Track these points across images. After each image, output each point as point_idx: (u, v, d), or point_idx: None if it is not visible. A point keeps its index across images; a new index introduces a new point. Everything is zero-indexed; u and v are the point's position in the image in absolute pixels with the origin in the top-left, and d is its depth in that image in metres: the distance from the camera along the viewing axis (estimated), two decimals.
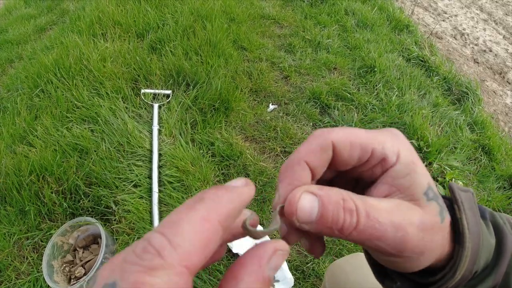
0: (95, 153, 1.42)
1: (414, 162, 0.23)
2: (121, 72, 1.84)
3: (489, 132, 1.89)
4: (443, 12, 3.37)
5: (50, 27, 2.59)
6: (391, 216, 0.21)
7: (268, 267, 0.18)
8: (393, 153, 0.22)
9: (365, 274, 0.68)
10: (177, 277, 0.14)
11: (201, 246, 0.15)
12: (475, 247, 0.25)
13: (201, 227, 0.15)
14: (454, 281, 0.24)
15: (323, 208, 0.21)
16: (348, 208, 0.21)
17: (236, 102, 1.76)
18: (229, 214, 0.17)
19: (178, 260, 0.14)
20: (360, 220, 0.20)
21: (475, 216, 0.25)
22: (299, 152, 0.23)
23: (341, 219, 0.20)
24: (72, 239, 1.17)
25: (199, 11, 2.38)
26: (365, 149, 0.22)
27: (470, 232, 0.24)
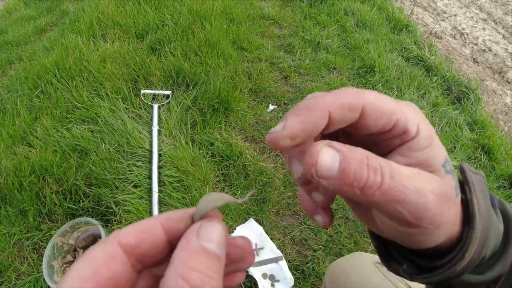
0: (95, 153, 1.42)
1: (432, 137, 0.23)
2: (120, 73, 1.84)
3: (489, 131, 1.89)
4: (443, 12, 3.38)
5: (50, 28, 2.59)
6: (414, 181, 0.20)
7: (198, 239, 0.18)
8: (414, 126, 0.22)
9: (365, 273, 0.68)
10: (108, 247, 0.19)
11: (136, 232, 0.20)
12: (485, 230, 0.24)
13: (142, 223, 0.21)
14: (462, 264, 0.24)
15: (345, 163, 0.19)
16: (372, 166, 0.20)
17: (235, 102, 1.77)
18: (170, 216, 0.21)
19: (113, 237, 0.19)
20: (384, 180, 0.19)
21: (486, 200, 0.25)
22: (325, 99, 0.21)
23: (365, 176, 0.19)
24: (72, 239, 1.17)
25: (198, 11, 2.38)
26: (391, 118, 0.22)
27: (481, 214, 0.24)
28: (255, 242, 1.25)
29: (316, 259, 1.24)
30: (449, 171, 0.23)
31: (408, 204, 0.20)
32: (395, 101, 0.22)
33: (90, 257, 0.18)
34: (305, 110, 0.21)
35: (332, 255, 1.25)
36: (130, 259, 0.20)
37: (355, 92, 0.21)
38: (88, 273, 0.17)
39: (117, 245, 0.19)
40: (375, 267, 0.67)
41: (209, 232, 0.19)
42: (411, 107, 0.23)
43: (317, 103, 0.21)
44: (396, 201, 0.20)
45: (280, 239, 1.30)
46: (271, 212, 1.38)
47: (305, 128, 0.20)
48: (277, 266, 1.19)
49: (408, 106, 0.23)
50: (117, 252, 0.19)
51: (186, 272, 0.16)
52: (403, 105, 0.22)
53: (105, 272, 0.18)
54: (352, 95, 0.21)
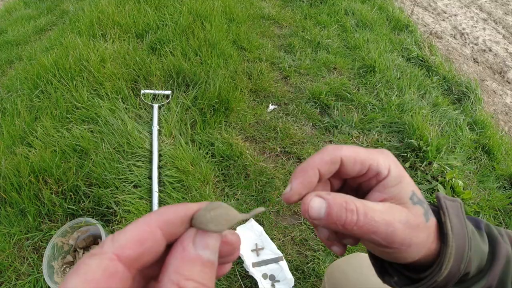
0: (95, 153, 1.42)
1: (401, 175, 0.29)
2: (120, 73, 1.84)
3: (489, 131, 1.89)
4: (443, 12, 3.37)
5: (50, 28, 2.59)
6: (384, 215, 0.26)
7: (194, 247, 0.19)
8: (385, 168, 0.28)
9: (364, 273, 0.68)
10: (106, 261, 0.17)
11: (135, 242, 0.18)
12: (461, 246, 0.29)
13: (139, 229, 0.19)
14: (441, 276, 0.28)
15: (329, 208, 0.26)
16: (349, 208, 0.26)
17: (235, 102, 1.76)
18: (169, 220, 0.20)
19: (112, 250, 0.18)
20: (359, 218, 0.26)
21: (461, 221, 0.30)
22: (314, 160, 0.28)
23: (344, 216, 0.26)
24: (72, 240, 1.17)
25: (198, 11, 2.38)
26: (364, 164, 0.28)
27: (454, 233, 0.29)
28: (255, 242, 1.25)
29: (316, 259, 1.24)
30: (416, 202, 0.28)
31: (380, 233, 0.26)
32: (368, 151, 0.29)
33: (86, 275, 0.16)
34: (299, 172, 0.28)
35: (332, 255, 1.25)
36: (131, 272, 0.18)
37: (334, 149, 0.29)
38: None
39: (116, 260, 0.17)
40: None
41: (206, 239, 0.19)
42: (383, 154, 0.30)
43: (308, 164, 0.28)
44: (370, 232, 0.26)
45: (281, 239, 1.29)
46: (271, 212, 1.37)
47: (304, 186, 0.28)
48: (278, 266, 1.19)
49: (380, 153, 0.29)
50: (118, 268, 0.17)
51: (182, 281, 0.17)
52: (374, 153, 0.29)
53: None
54: (332, 151, 0.28)
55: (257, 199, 1.40)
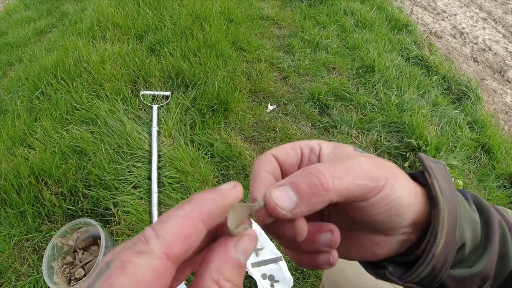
0: (95, 154, 1.42)
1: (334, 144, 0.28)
2: (120, 74, 1.85)
3: (489, 131, 1.88)
4: (442, 11, 3.37)
5: (50, 30, 2.60)
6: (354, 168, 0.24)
7: (235, 251, 0.20)
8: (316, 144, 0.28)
9: (363, 271, 0.68)
10: (157, 261, 0.17)
11: (181, 238, 0.18)
12: (452, 210, 0.25)
13: (183, 223, 0.18)
14: (438, 246, 0.25)
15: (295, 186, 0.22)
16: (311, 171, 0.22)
17: (235, 103, 1.77)
18: (211, 213, 0.19)
19: (159, 247, 0.17)
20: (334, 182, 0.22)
21: (448, 183, 0.26)
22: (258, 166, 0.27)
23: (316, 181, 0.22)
24: (72, 240, 1.17)
25: (197, 12, 2.38)
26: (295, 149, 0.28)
27: (443, 195, 0.25)
28: None
29: None
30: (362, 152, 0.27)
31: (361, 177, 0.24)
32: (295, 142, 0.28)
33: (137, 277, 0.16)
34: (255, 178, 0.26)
35: None
36: (176, 267, 0.18)
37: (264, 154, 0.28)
38: None
39: (166, 259, 0.17)
40: None
41: (246, 245, 0.20)
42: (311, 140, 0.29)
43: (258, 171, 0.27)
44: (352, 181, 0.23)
45: None
46: None
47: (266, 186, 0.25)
48: (277, 266, 1.19)
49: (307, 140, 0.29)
50: (167, 266, 0.17)
51: (221, 280, 0.18)
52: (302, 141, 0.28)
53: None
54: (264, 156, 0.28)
55: None
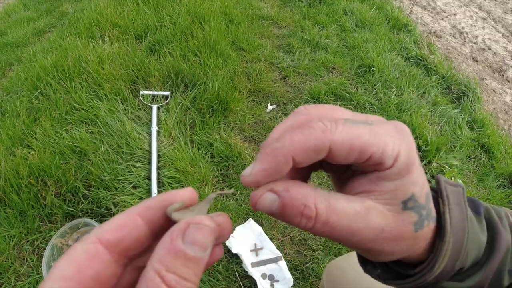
0: (94, 155, 1.42)
1: (409, 169, 0.22)
2: (119, 74, 1.85)
3: (489, 130, 1.89)
4: (442, 11, 3.37)
5: (49, 30, 2.60)
6: (352, 222, 0.21)
7: (181, 241, 0.18)
8: (391, 157, 0.21)
9: (362, 272, 0.68)
10: (90, 244, 0.19)
11: (115, 228, 0.20)
12: (458, 243, 0.24)
13: (120, 217, 0.21)
14: (432, 275, 0.24)
15: (282, 207, 0.21)
16: (306, 214, 0.21)
17: (234, 102, 1.77)
18: (148, 206, 0.21)
19: (94, 235, 0.20)
20: (316, 225, 0.21)
21: (462, 212, 0.25)
22: (292, 143, 0.20)
23: (297, 220, 0.21)
24: (72, 241, 1.17)
25: (197, 12, 2.38)
26: (364, 153, 0.21)
27: (452, 227, 0.24)
28: (254, 242, 1.25)
29: (315, 259, 1.24)
30: (410, 208, 0.22)
31: (341, 240, 0.22)
32: (374, 131, 0.21)
33: (71, 256, 0.19)
34: (269, 157, 0.21)
35: (332, 255, 1.25)
36: (113, 255, 0.20)
37: (323, 131, 0.20)
38: (70, 272, 0.18)
39: (98, 243, 0.19)
40: None
41: (195, 235, 0.18)
42: (397, 134, 0.22)
43: (282, 149, 0.21)
44: (330, 236, 0.22)
45: (279, 239, 1.29)
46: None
47: (268, 175, 0.21)
48: (277, 266, 1.19)
49: (392, 134, 0.21)
50: (99, 250, 0.19)
51: (163, 271, 0.17)
52: (383, 134, 0.21)
53: (88, 271, 0.18)
54: (319, 135, 0.20)
55: None
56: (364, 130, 0.21)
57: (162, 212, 0.21)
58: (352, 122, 0.21)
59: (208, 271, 1.18)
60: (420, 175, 0.22)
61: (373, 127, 0.21)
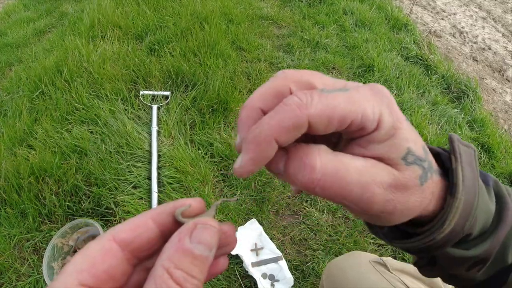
0: (95, 154, 1.43)
1: (397, 126, 0.22)
2: (120, 74, 1.85)
3: (489, 130, 1.89)
4: (442, 11, 3.37)
5: (50, 30, 2.60)
6: (360, 176, 0.21)
7: (189, 240, 0.19)
8: (373, 121, 0.21)
9: (362, 272, 0.68)
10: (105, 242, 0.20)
11: (129, 229, 0.21)
12: (470, 201, 0.24)
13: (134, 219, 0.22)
14: (441, 233, 0.24)
15: (288, 161, 0.21)
16: (308, 164, 0.20)
17: (234, 102, 1.77)
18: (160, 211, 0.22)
19: (109, 233, 0.21)
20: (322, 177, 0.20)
21: (474, 172, 0.25)
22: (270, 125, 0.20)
23: (301, 174, 0.21)
24: (72, 240, 1.17)
25: (197, 12, 2.38)
26: (343, 121, 0.21)
27: (464, 184, 0.24)
28: (254, 242, 1.25)
29: (315, 259, 1.24)
30: (412, 162, 0.22)
31: (352, 199, 0.21)
32: (350, 99, 0.21)
33: (86, 252, 0.20)
34: (253, 145, 0.21)
35: (332, 254, 1.25)
36: (125, 254, 0.21)
37: (299, 107, 0.20)
38: (84, 266, 0.19)
39: (112, 241, 0.21)
40: (372, 266, 0.68)
41: (201, 234, 0.20)
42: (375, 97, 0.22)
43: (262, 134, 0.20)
44: (340, 196, 0.21)
45: (280, 239, 1.30)
46: (270, 212, 1.38)
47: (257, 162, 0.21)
48: (277, 266, 1.19)
49: (370, 98, 0.21)
50: (112, 246, 0.20)
51: (171, 268, 0.18)
52: (360, 100, 0.21)
53: (101, 265, 0.19)
54: (294, 112, 0.20)
55: (256, 199, 1.40)
56: (340, 98, 0.21)
57: (172, 217, 0.22)
58: (327, 91, 0.21)
59: None
60: (409, 130, 0.23)
61: (350, 93, 0.21)
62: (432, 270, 0.29)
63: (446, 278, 0.30)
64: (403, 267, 0.68)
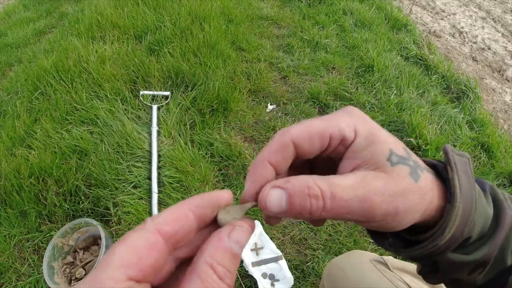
0: (95, 154, 1.43)
1: (374, 133, 0.25)
2: (120, 74, 1.85)
3: (488, 129, 1.89)
4: (441, 11, 3.38)
5: (49, 31, 2.60)
6: (356, 191, 0.23)
7: (228, 240, 0.22)
8: (350, 131, 0.24)
9: (363, 271, 0.68)
10: (149, 234, 0.20)
11: (172, 220, 0.22)
12: (467, 208, 0.25)
13: (174, 211, 0.22)
14: (443, 240, 0.25)
15: (290, 199, 0.23)
16: (313, 194, 0.23)
17: (234, 102, 1.77)
18: (199, 204, 0.23)
19: (153, 226, 0.21)
20: (326, 202, 0.23)
21: (469, 180, 0.26)
22: (262, 154, 0.25)
23: (308, 204, 0.23)
24: (72, 240, 1.17)
25: (197, 12, 2.38)
26: (323, 136, 0.24)
27: (462, 192, 0.25)
28: (254, 241, 1.25)
29: (315, 258, 1.24)
30: (397, 162, 0.24)
31: (355, 212, 0.23)
32: (324, 118, 0.25)
33: (131, 245, 0.20)
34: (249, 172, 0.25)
35: (332, 254, 1.25)
36: (168, 246, 0.21)
37: (280, 133, 0.25)
38: (132, 260, 0.19)
39: (157, 234, 0.21)
40: (373, 265, 0.68)
41: (239, 236, 0.22)
42: (346, 114, 0.25)
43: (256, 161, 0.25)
44: (343, 213, 0.23)
45: (280, 239, 1.30)
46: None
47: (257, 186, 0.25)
48: (277, 265, 1.19)
49: (342, 115, 0.25)
50: (158, 240, 0.21)
51: (214, 264, 0.20)
52: (334, 117, 0.25)
53: (148, 260, 0.20)
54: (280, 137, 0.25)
55: None
56: (316, 120, 0.25)
57: (209, 210, 0.24)
58: (306, 121, 0.25)
59: None
60: (387, 135, 0.25)
61: (324, 117, 0.25)
62: (435, 277, 0.30)
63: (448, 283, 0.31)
64: (404, 266, 0.67)
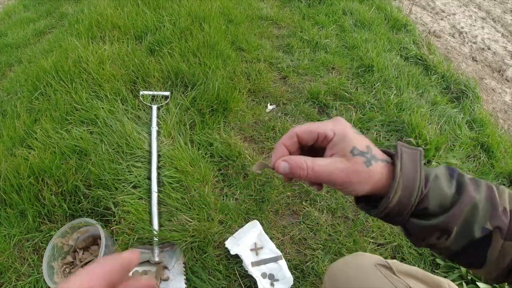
0: (94, 154, 1.43)
1: (345, 135, 0.39)
2: (119, 75, 1.85)
3: (488, 129, 1.89)
4: (441, 11, 3.38)
5: (49, 31, 2.61)
6: (326, 167, 0.38)
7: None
8: (331, 132, 0.39)
9: (366, 274, 0.67)
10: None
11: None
12: (410, 182, 0.37)
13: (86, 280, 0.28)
14: (391, 203, 0.37)
15: (290, 166, 0.39)
16: (301, 166, 0.39)
17: (234, 102, 1.77)
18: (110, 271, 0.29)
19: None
20: (308, 172, 0.38)
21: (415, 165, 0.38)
22: (281, 140, 0.42)
23: (299, 171, 0.39)
24: (72, 240, 1.18)
25: (196, 12, 2.39)
26: (313, 133, 0.40)
27: (402, 170, 0.37)
28: (254, 241, 1.25)
29: (315, 258, 1.24)
30: (356, 154, 0.38)
31: (323, 178, 0.38)
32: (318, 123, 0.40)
33: None
34: (274, 150, 0.42)
35: (331, 254, 1.25)
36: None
37: (292, 129, 0.42)
38: None
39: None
40: (376, 268, 0.67)
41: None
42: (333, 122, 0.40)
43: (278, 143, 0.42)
44: (318, 178, 0.38)
45: (279, 239, 1.30)
46: (270, 211, 1.38)
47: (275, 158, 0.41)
48: (277, 265, 1.19)
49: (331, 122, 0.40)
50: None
51: None
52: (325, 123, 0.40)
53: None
54: (290, 131, 0.42)
55: (256, 199, 1.40)
56: (314, 123, 0.41)
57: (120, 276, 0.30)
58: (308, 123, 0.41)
59: (208, 270, 1.18)
60: (356, 138, 0.39)
61: (319, 122, 0.41)
62: (412, 240, 0.41)
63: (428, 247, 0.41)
64: (409, 271, 0.66)
